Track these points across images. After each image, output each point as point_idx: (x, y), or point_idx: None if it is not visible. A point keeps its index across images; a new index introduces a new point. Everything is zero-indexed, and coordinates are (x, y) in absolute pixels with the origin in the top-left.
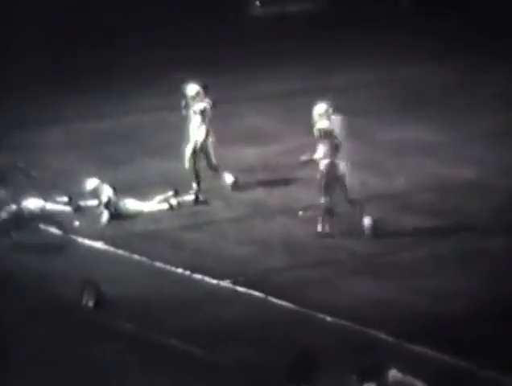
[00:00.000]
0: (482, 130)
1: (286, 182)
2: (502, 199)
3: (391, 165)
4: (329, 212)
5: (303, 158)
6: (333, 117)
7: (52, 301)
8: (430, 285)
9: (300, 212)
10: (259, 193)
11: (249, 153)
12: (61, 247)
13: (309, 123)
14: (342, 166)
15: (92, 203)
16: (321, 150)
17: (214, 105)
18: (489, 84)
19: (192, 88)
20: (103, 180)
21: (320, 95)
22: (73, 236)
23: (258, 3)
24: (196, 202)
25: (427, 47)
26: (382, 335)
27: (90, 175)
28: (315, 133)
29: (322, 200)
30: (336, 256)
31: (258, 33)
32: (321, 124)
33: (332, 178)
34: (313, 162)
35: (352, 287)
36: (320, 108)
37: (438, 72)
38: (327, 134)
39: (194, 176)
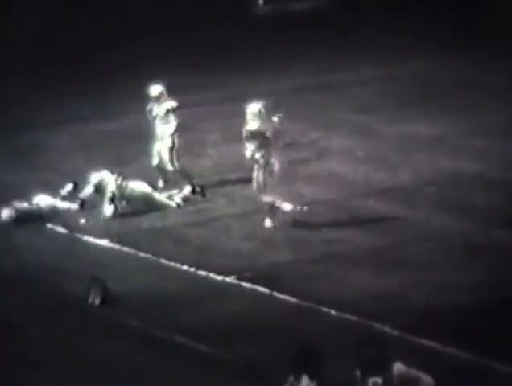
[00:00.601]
0: (486, 124)
1: (291, 177)
2: (506, 192)
3: (396, 159)
4: (273, 207)
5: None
6: (271, 117)
7: (59, 299)
8: (435, 278)
9: (305, 207)
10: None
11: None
12: (67, 245)
13: (316, 119)
14: (275, 167)
15: (95, 195)
16: (249, 150)
17: (178, 106)
18: (492, 80)
19: (155, 89)
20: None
21: (323, 92)
22: (79, 234)
23: (261, 2)
24: (194, 193)
25: (429, 43)
26: (387, 329)
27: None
28: (244, 133)
29: (266, 198)
30: (341, 250)
31: (261, 31)
32: (251, 125)
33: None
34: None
35: (356, 281)
36: (252, 108)
37: (442, 68)
38: (256, 135)
39: (181, 174)
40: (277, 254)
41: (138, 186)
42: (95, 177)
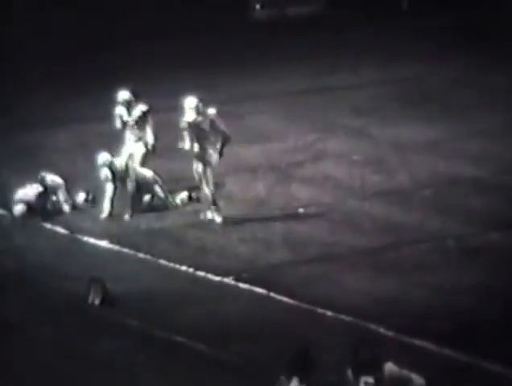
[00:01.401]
0: (482, 128)
1: (287, 180)
2: (502, 195)
3: (392, 162)
4: (215, 201)
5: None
6: (206, 111)
7: (59, 299)
8: (431, 280)
9: (301, 210)
10: (261, 191)
11: (251, 152)
12: (67, 246)
13: (312, 121)
14: (213, 158)
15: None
16: (187, 141)
17: (150, 110)
18: (490, 83)
19: (123, 95)
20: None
21: (321, 94)
22: (79, 235)
23: (258, 6)
24: (190, 200)
25: (426, 47)
26: (382, 330)
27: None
28: (181, 124)
29: (206, 190)
30: (337, 252)
31: (259, 35)
32: (188, 116)
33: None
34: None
35: (353, 283)
36: (189, 102)
37: (438, 72)
38: (193, 126)
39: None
40: (274, 256)
41: (145, 172)
42: (102, 157)
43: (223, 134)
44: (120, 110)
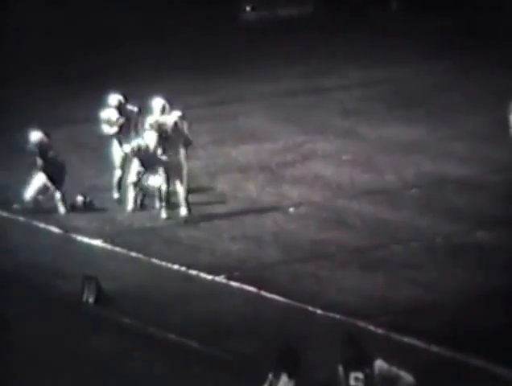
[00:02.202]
0: (469, 129)
1: (277, 179)
2: (488, 194)
3: (381, 162)
4: (168, 198)
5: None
6: (172, 112)
7: (53, 298)
8: (419, 278)
9: (291, 209)
10: (252, 191)
11: (242, 153)
12: (61, 245)
13: (302, 122)
14: (180, 156)
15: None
16: (153, 141)
17: (140, 112)
18: (476, 85)
19: (113, 98)
20: (104, 182)
21: (310, 95)
22: (73, 234)
23: (249, 8)
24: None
25: (414, 48)
26: (372, 327)
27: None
28: (147, 126)
29: (164, 187)
30: (327, 251)
31: (249, 36)
32: (154, 118)
33: (172, 168)
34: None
35: (342, 281)
36: (156, 103)
37: (426, 73)
38: (159, 127)
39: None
40: (265, 254)
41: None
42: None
43: (185, 138)
44: (109, 113)
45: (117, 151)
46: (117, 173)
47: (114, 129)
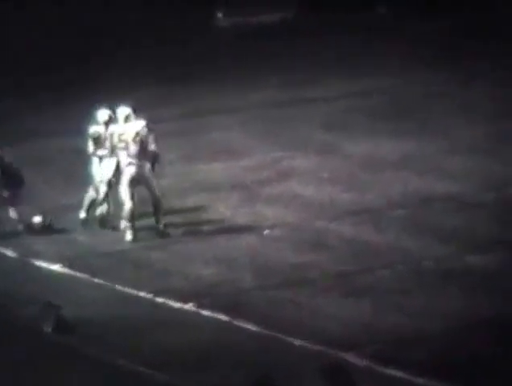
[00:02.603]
0: (459, 143)
1: (252, 199)
2: (481, 214)
3: (364, 180)
4: (133, 217)
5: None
6: (136, 121)
7: (11, 325)
8: (405, 304)
9: (267, 231)
10: (225, 211)
11: (215, 170)
12: (18, 269)
13: (280, 136)
14: (146, 169)
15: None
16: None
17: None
18: (466, 97)
19: (103, 114)
20: (81, 196)
21: (289, 108)
22: (31, 259)
23: (220, 15)
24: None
25: (402, 57)
26: (353, 358)
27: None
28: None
29: (128, 205)
30: (306, 276)
31: (222, 45)
32: (121, 129)
33: (136, 181)
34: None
35: (323, 308)
36: (122, 111)
37: (414, 84)
38: (118, 137)
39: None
40: (239, 279)
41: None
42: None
43: (152, 151)
44: (98, 129)
45: (97, 171)
46: (91, 193)
47: (104, 152)
